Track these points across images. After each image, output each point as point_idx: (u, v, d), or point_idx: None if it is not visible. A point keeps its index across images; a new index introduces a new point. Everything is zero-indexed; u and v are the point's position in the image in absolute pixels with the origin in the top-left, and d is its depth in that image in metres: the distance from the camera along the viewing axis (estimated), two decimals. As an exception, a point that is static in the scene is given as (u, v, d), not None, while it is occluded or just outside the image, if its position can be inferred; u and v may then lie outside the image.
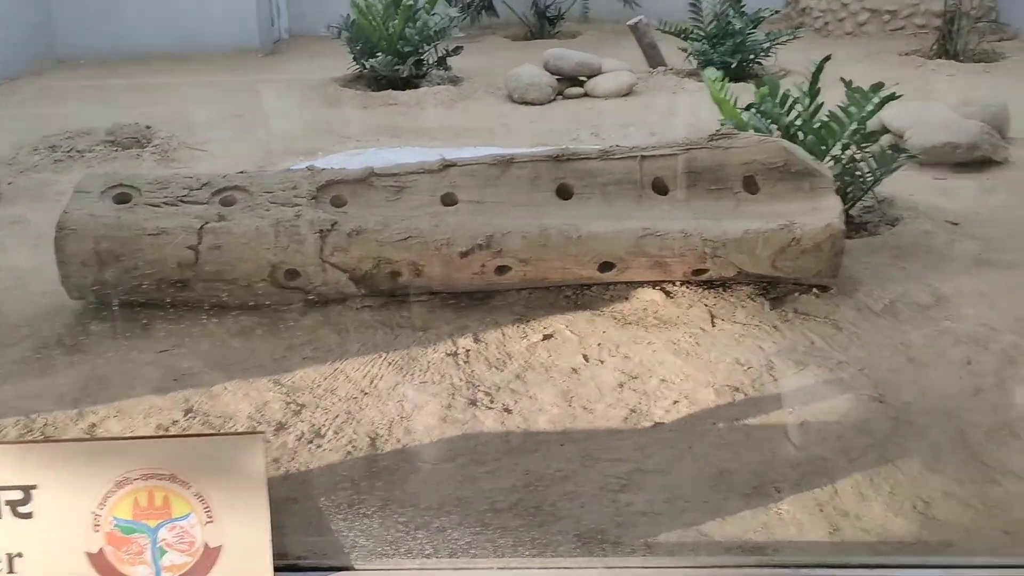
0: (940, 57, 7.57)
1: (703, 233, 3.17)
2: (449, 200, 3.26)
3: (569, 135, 5.98)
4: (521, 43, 9.50)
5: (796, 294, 3.28)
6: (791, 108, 3.95)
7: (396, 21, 6.92)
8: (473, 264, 3.21)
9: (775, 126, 3.92)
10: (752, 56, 7.02)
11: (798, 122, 3.92)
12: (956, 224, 3.95)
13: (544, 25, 9.71)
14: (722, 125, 4.04)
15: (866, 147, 3.90)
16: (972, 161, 4.73)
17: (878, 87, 3.76)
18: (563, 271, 3.26)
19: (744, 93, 4.22)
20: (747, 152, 3.34)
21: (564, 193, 3.34)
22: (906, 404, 2.63)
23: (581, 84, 6.89)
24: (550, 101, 6.75)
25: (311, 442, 2.52)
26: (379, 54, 6.98)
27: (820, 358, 2.90)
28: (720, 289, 3.33)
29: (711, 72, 4.19)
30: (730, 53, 6.85)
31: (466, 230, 3.20)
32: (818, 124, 3.86)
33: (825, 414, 2.60)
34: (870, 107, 3.75)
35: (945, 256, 3.64)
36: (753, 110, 3.95)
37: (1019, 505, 2.20)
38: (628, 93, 6.76)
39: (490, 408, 2.70)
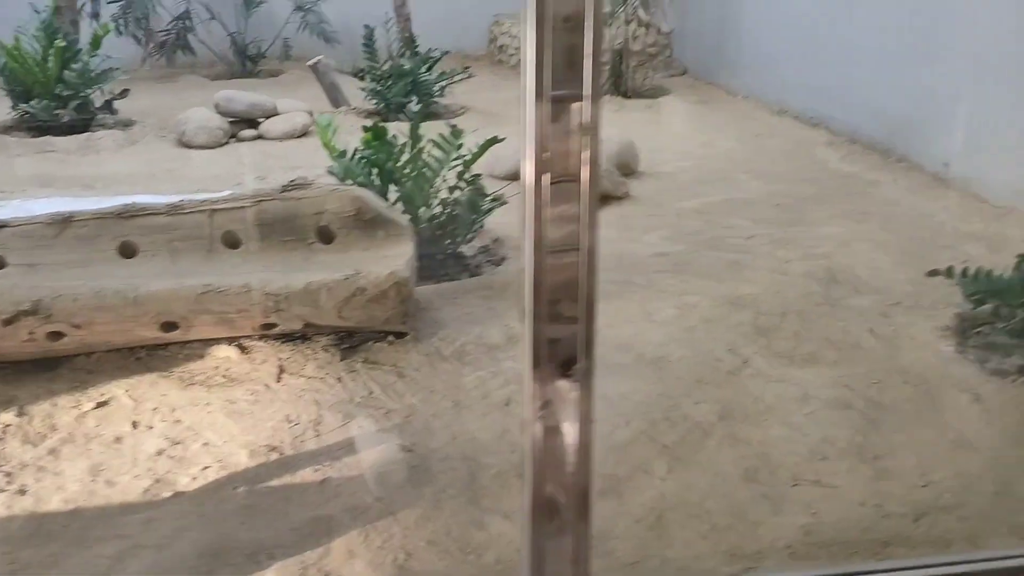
0: (610, 94, 8.03)
1: (266, 287, 3.12)
2: (-9, 265, 3.04)
3: (234, 180, 5.82)
4: (221, 82, 9.21)
5: (371, 342, 3.30)
6: (398, 154, 4.00)
7: (51, 64, 6.50)
8: (20, 332, 3.00)
9: (378, 171, 3.96)
10: (428, 96, 7.15)
11: (406, 169, 3.98)
12: (556, 261, 4.12)
13: (245, 64, 9.48)
14: (328, 171, 4.04)
15: (475, 189, 4.00)
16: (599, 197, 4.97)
17: (458, 133, 3.87)
18: (125, 333, 3.11)
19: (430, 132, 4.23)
20: (320, 202, 3.33)
21: (127, 251, 3.20)
22: (432, 451, 2.68)
23: (256, 126, 6.75)
24: (222, 144, 6.56)
25: None
26: (36, 99, 6.53)
27: (372, 409, 2.91)
28: (299, 341, 3.29)
29: (322, 119, 4.19)
30: (403, 94, 6.95)
31: (11, 296, 2.99)
32: (416, 172, 3.93)
33: (350, 469, 2.59)
34: (455, 152, 3.85)
35: (534, 294, 3.77)
36: (357, 156, 3.97)
37: (496, 547, 2.27)
38: (303, 134, 6.68)
39: (3, 491, 2.51)
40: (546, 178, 1.68)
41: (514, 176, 5.48)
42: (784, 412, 2.83)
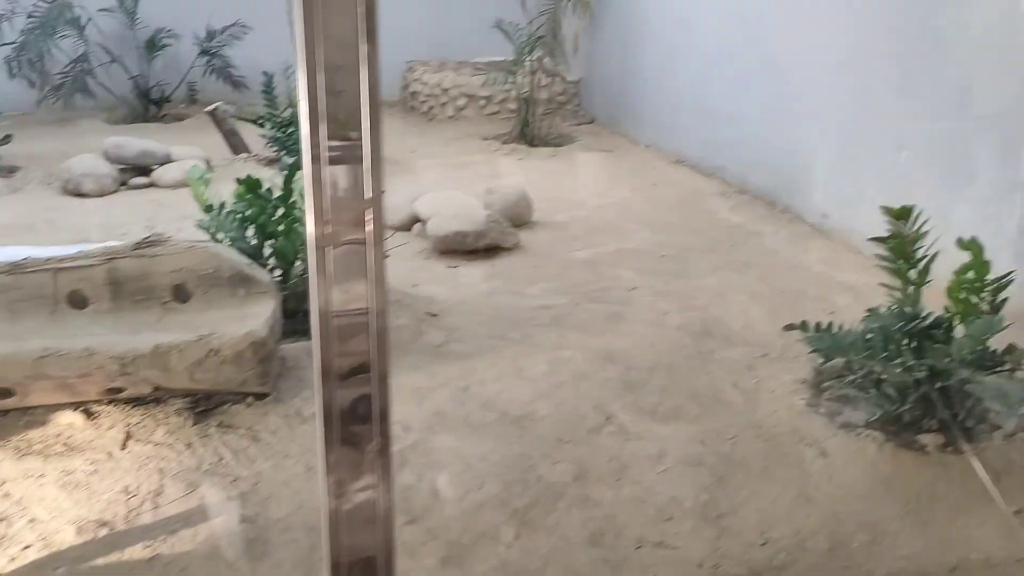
0: (516, 141, 8.09)
1: (111, 350, 3.01)
2: None
3: (121, 229, 5.67)
4: (121, 127, 9.04)
5: (228, 405, 3.20)
6: (272, 208, 3.93)
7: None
8: None
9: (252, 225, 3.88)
10: (330, 143, 7.10)
11: (280, 224, 3.91)
12: (435, 315, 4.09)
13: (148, 108, 9.33)
14: (198, 225, 3.95)
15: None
16: (484, 248, 4.98)
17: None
18: (-40, 400, 2.96)
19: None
20: (176, 259, 3.25)
21: (-35, 313, 3.06)
22: (275, 521, 2.59)
23: (148, 173, 6.61)
24: (111, 192, 6.40)
25: None
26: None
27: (220, 476, 2.81)
28: (152, 404, 3.17)
29: (195, 170, 4.10)
30: (304, 141, 6.87)
31: None
32: (288, 227, 3.87)
33: (183, 544, 2.49)
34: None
35: (407, 350, 3.73)
36: (227, 210, 3.89)
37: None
38: (198, 182, 6.55)
39: None
40: (328, 245, 1.64)
41: (407, 226, 5.46)
42: (638, 471, 2.81)
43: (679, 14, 7.08)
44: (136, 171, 6.61)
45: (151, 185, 6.58)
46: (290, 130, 6.95)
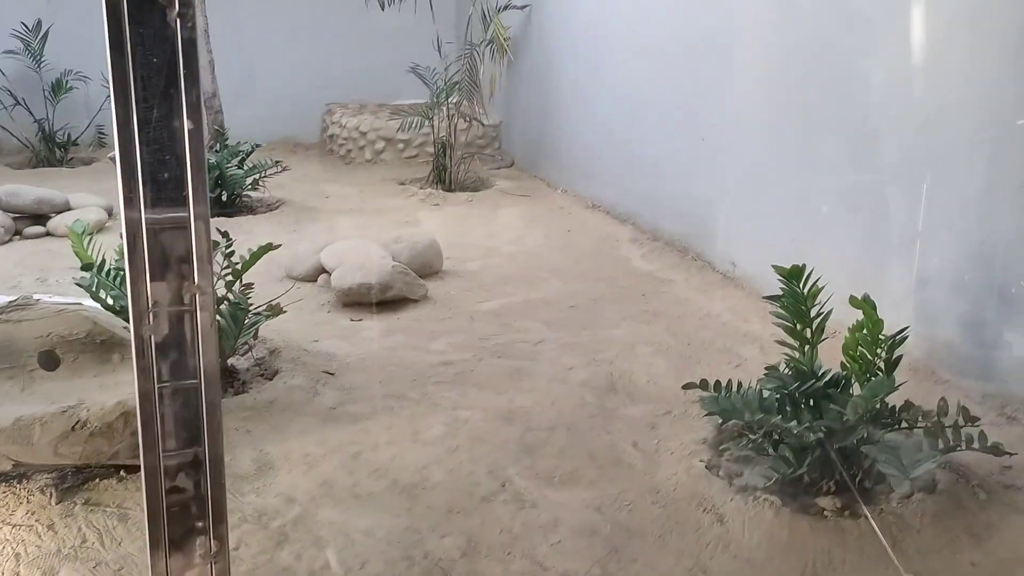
0: (433, 186, 8.01)
1: (-34, 425, 2.80)
2: None
3: (11, 282, 5.40)
4: (26, 171, 8.72)
5: (98, 479, 2.99)
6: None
7: None
8: None
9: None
10: (239, 189, 6.94)
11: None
12: (332, 374, 3.94)
13: (54, 152, 9.01)
14: (76, 283, 3.75)
15: (234, 304, 3.79)
16: (391, 300, 4.85)
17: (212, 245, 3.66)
18: None
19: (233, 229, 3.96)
20: (44, 324, 3.05)
21: None
22: (135, 612, 2.40)
23: (45, 222, 6.34)
24: (4, 243, 6.12)
25: None
26: None
27: (82, 560, 2.61)
28: (15, 481, 2.95)
29: (77, 225, 3.90)
30: (211, 188, 6.69)
31: None
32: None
33: (30, 640, 2.29)
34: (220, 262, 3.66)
35: (299, 413, 3.57)
36: (108, 268, 3.70)
37: None
38: (98, 231, 6.31)
39: None
40: (147, 318, 1.50)
41: (312, 277, 5.31)
42: (530, 543, 2.69)
43: (591, 60, 7.10)
44: (32, 219, 6.33)
45: (47, 235, 6.31)
46: (217, 191, 6.78)
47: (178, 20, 1.32)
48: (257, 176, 7.06)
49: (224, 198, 6.94)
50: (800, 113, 4.63)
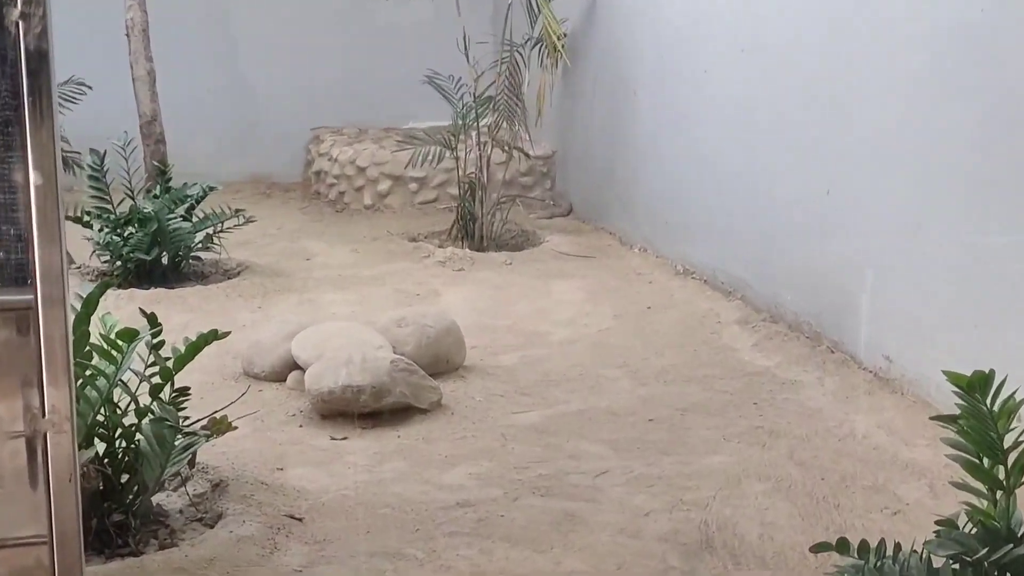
0: (458, 243, 7.96)
1: None
2: None
3: None
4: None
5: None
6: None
7: None
8: None
9: None
10: (185, 249, 6.95)
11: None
12: (300, 520, 3.89)
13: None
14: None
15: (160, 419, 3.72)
16: (389, 410, 4.76)
17: (129, 334, 3.60)
18: None
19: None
20: None
21: None
22: None
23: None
24: None
25: None
26: None
27: None
28: None
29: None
30: (147, 247, 6.72)
31: None
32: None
33: None
34: (131, 359, 3.60)
35: (249, 579, 3.48)
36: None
37: None
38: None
39: None
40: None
41: (281, 375, 5.26)
42: None
43: (684, 69, 7.06)
44: None
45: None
46: (127, 231, 6.81)
47: (20, 24, 1.24)
48: (211, 230, 7.04)
49: (164, 261, 6.93)
50: (975, 151, 4.57)
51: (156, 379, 3.79)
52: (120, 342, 3.64)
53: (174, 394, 3.81)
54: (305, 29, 9.99)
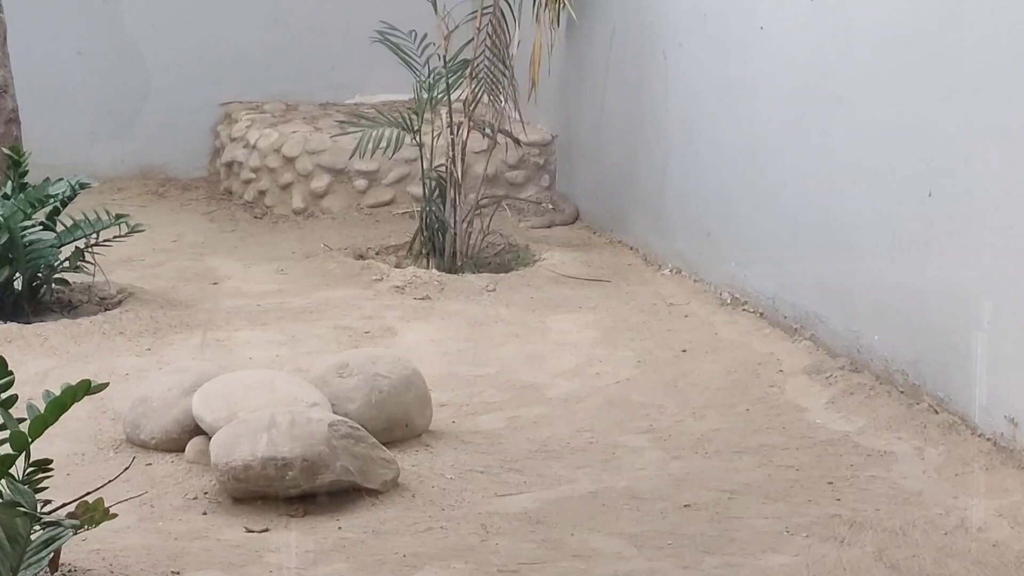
0: (420, 261, 7.97)
1: None
2: None
3: None
4: None
5: None
6: None
7: None
8: None
9: None
10: (46, 268, 6.95)
11: None
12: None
13: None
14: None
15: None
16: (325, 491, 4.76)
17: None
18: None
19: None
20: None
21: None
22: None
23: None
24: None
25: None
26: None
27: None
28: None
29: None
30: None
31: None
32: None
33: None
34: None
35: None
36: None
37: None
38: None
39: None
40: None
41: (177, 443, 5.26)
42: None
43: (744, 14, 7.07)
44: None
45: None
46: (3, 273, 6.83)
47: None
48: (82, 243, 7.03)
49: (18, 285, 6.90)
50: None
51: (5, 449, 3.79)
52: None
53: (30, 469, 3.83)
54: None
